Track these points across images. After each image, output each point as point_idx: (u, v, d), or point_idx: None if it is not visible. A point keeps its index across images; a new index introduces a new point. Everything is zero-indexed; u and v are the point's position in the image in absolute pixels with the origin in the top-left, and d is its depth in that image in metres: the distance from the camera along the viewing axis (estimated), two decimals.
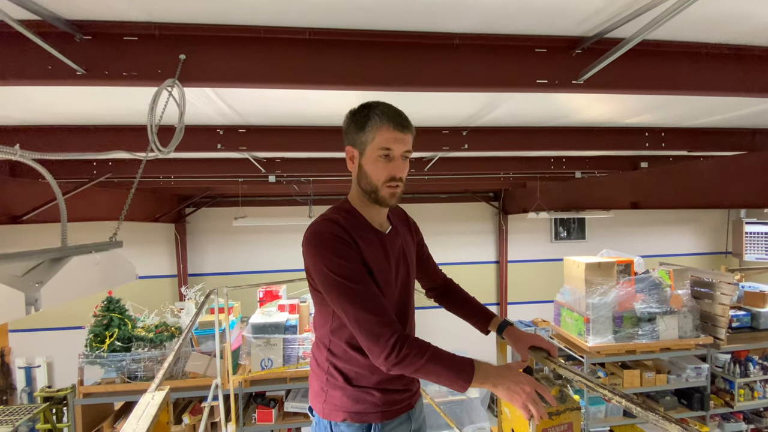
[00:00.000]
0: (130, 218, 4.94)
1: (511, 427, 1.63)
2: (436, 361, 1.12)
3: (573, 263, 4.84)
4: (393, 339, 1.12)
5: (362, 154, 1.26)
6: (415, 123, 2.40)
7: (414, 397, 1.45)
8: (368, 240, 1.28)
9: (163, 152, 1.03)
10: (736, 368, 4.87)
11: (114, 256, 0.84)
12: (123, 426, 1.12)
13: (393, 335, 1.13)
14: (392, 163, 1.24)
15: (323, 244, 1.20)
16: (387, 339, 1.12)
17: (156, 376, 1.55)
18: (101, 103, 1.95)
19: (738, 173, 2.87)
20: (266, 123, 2.23)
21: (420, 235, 1.61)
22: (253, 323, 4.17)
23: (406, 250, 1.43)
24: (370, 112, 1.23)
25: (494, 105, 2.05)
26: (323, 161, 3.58)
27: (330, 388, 1.34)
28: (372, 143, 1.23)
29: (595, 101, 2.06)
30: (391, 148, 1.22)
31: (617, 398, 1.22)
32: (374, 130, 1.22)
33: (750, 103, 2.06)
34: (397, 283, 1.36)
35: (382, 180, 1.24)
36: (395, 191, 1.27)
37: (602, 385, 1.29)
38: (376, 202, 1.29)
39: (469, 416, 6.04)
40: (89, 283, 0.76)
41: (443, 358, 1.13)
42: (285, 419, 4.27)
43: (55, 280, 0.66)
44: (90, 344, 3.92)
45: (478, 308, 1.61)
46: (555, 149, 2.58)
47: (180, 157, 3.40)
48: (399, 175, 1.24)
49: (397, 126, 1.22)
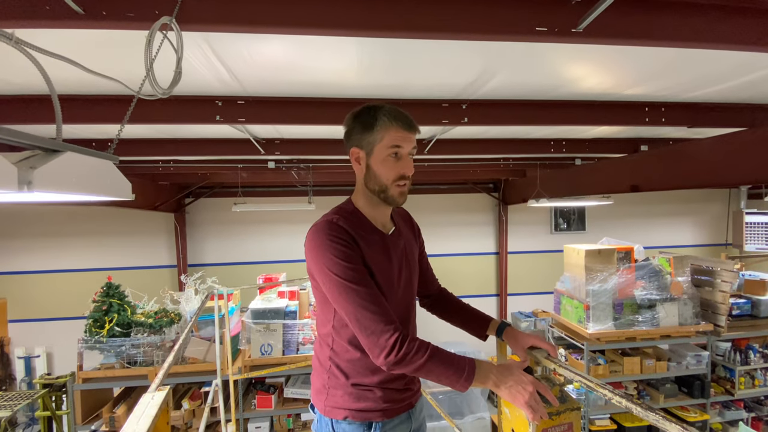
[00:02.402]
0: (129, 205, 4.94)
1: (511, 427, 1.64)
2: (436, 360, 1.14)
3: (573, 250, 4.84)
4: (393, 338, 1.14)
5: (370, 154, 1.28)
6: (414, 94, 2.41)
7: (415, 397, 1.47)
8: (370, 241, 1.30)
9: (159, 93, 1.02)
10: (736, 356, 4.86)
11: (110, 168, 0.84)
12: (123, 426, 1.12)
13: (393, 335, 1.14)
14: (401, 162, 1.26)
15: (324, 246, 1.21)
16: (387, 338, 1.14)
17: (156, 376, 1.55)
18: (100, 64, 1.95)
19: (738, 150, 2.87)
20: (266, 93, 2.23)
21: (422, 239, 1.62)
22: (252, 309, 4.16)
23: (408, 252, 1.45)
24: (377, 113, 1.26)
25: (490, 72, 2.05)
26: (323, 143, 3.57)
27: (332, 386, 1.35)
28: (381, 143, 1.25)
29: (593, 70, 2.06)
30: (401, 146, 1.25)
31: (617, 398, 1.24)
32: (383, 130, 1.25)
33: (749, 70, 2.06)
34: (400, 283, 1.37)
35: (392, 179, 1.27)
36: (403, 190, 1.29)
37: (602, 385, 1.32)
38: (386, 202, 1.31)
39: (469, 406, 6.03)
40: (83, 182, 0.75)
41: (443, 358, 1.15)
42: (285, 405, 4.26)
43: (49, 167, 0.65)
44: (89, 329, 3.91)
45: (474, 314, 1.62)
46: (554, 123, 2.57)
47: (179, 137, 3.40)
48: (408, 173, 1.28)
49: (405, 125, 1.25)
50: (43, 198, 0.73)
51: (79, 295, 4.62)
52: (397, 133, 1.24)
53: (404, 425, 1.41)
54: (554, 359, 1.46)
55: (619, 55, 1.88)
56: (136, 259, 6.58)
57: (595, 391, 1.33)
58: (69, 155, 0.71)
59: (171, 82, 1.06)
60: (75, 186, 0.73)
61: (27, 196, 0.68)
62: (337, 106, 2.35)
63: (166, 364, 1.72)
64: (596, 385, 1.32)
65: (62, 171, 0.69)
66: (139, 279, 4.73)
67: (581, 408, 1.55)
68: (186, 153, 3.57)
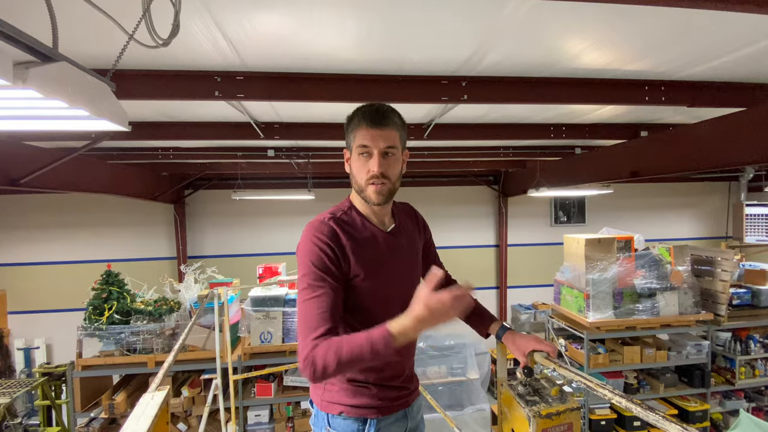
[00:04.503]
0: (128, 194, 4.93)
1: (511, 427, 1.64)
2: (350, 353, 1.08)
3: (573, 240, 4.84)
4: (307, 358, 1.11)
5: (351, 155, 1.32)
6: (412, 70, 2.40)
7: (411, 396, 1.47)
8: (363, 240, 1.30)
9: (159, 44, 1.02)
10: (737, 346, 4.86)
11: (106, 92, 0.83)
12: (123, 426, 1.12)
13: (307, 355, 1.11)
14: (371, 160, 1.26)
15: (304, 245, 1.25)
16: (303, 358, 1.11)
17: (156, 376, 1.55)
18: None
19: (737, 131, 2.87)
20: (264, 67, 2.22)
21: (429, 233, 1.61)
22: (252, 296, 4.16)
23: (410, 248, 1.44)
24: (353, 115, 1.29)
25: (487, 46, 2.05)
26: (322, 127, 3.56)
27: (328, 381, 1.36)
28: (354, 143, 1.28)
29: (590, 43, 2.05)
30: (366, 145, 1.25)
31: (617, 398, 1.25)
32: (354, 131, 1.28)
33: (746, 42, 2.05)
34: (401, 280, 1.37)
35: (364, 177, 1.27)
36: (378, 188, 1.27)
37: (602, 385, 1.32)
38: (366, 201, 1.31)
39: (469, 398, 6.03)
40: (79, 95, 0.74)
41: (356, 345, 1.08)
42: (284, 393, 4.26)
43: (44, 70, 0.65)
44: (89, 317, 3.91)
45: (479, 311, 1.63)
46: (554, 102, 2.57)
47: (179, 120, 3.39)
48: (375, 170, 1.26)
49: (370, 123, 1.25)
50: (38, 98, 0.67)
51: (79, 286, 4.62)
52: (364, 131, 1.25)
53: (400, 423, 1.41)
54: (554, 359, 1.47)
55: (617, 23, 1.88)
56: (136, 250, 6.58)
57: (595, 391, 1.34)
58: (65, 66, 0.70)
59: (170, 34, 1.06)
60: (71, 97, 0.72)
61: (22, 94, 0.67)
62: (335, 82, 2.35)
63: (166, 364, 1.70)
64: (596, 385, 1.33)
65: (58, 77, 0.68)
66: (139, 271, 4.72)
67: (581, 408, 1.56)
68: (186, 137, 3.56)
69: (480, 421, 5.83)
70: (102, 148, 4.13)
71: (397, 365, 1.40)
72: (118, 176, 4.70)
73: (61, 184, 3.74)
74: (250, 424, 4.22)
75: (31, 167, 3.23)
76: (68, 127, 0.94)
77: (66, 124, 0.89)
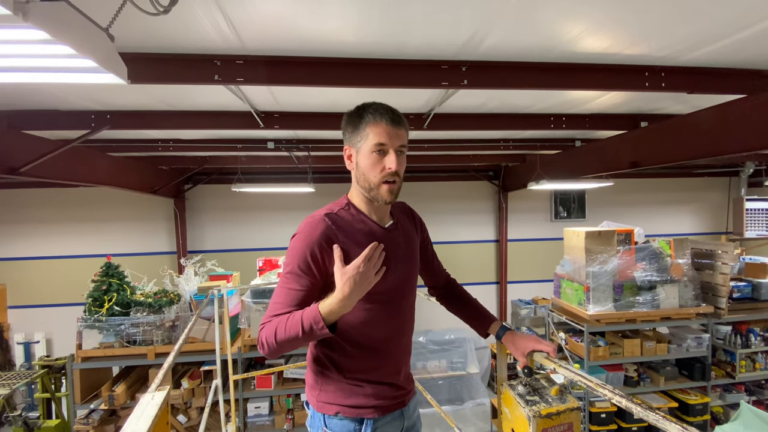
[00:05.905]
0: (128, 186, 4.93)
1: (511, 427, 1.64)
2: (285, 332, 1.16)
3: (573, 233, 4.84)
4: (259, 338, 1.21)
5: (358, 152, 1.29)
6: (412, 53, 2.40)
7: (408, 396, 1.48)
8: (361, 237, 1.29)
9: (159, 11, 1.01)
10: (737, 339, 4.86)
11: (106, 42, 0.82)
12: (123, 426, 1.12)
13: (259, 335, 1.22)
14: (387, 157, 1.26)
15: (294, 240, 1.27)
16: (257, 337, 1.23)
17: (156, 376, 1.54)
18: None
19: (737, 118, 2.87)
20: (264, 50, 2.22)
21: (425, 232, 1.62)
22: (252, 288, 4.15)
23: (408, 245, 1.44)
24: (364, 112, 1.28)
25: (486, 29, 2.05)
26: (321, 117, 3.55)
27: (324, 381, 1.37)
28: (367, 140, 1.26)
29: (589, 25, 2.04)
30: (384, 143, 1.25)
31: (617, 398, 1.25)
32: (368, 127, 1.26)
33: (745, 24, 2.04)
34: (398, 276, 1.36)
35: (379, 175, 1.26)
36: (392, 187, 1.28)
37: (603, 385, 1.33)
38: (375, 200, 1.31)
39: (469, 392, 6.02)
40: (78, 38, 0.73)
41: (292, 324, 1.16)
42: (284, 385, 4.26)
43: (45, 6, 0.64)
44: (89, 309, 3.91)
45: (479, 311, 1.65)
46: (554, 87, 2.56)
47: (178, 109, 3.39)
48: (394, 167, 1.25)
49: (389, 121, 1.25)
50: (45, 41, 0.67)
51: (79, 280, 4.61)
52: (381, 128, 1.24)
53: (396, 423, 1.41)
54: (554, 359, 1.47)
55: (615, 5, 1.87)
56: (136, 245, 6.58)
57: (595, 391, 1.34)
58: (65, 7, 0.69)
59: (170, 2, 1.06)
60: (70, 38, 0.72)
61: (28, 35, 0.66)
62: (335, 67, 2.35)
63: (167, 364, 1.69)
64: (596, 385, 1.33)
65: (58, 18, 0.67)
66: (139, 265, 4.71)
67: (581, 408, 1.56)
68: (186, 126, 3.56)
69: (480, 416, 5.83)
70: (101, 139, 4.12)
71: (393, 365, 1.41)
72: (118, 168, 4.70)
73: (60, 174, 3.74)
74: (250, 416, 4.22)
75: (30, 156, 3.23)
76: (74, 80, 0.93)
77: (72, 77, 0.88)
